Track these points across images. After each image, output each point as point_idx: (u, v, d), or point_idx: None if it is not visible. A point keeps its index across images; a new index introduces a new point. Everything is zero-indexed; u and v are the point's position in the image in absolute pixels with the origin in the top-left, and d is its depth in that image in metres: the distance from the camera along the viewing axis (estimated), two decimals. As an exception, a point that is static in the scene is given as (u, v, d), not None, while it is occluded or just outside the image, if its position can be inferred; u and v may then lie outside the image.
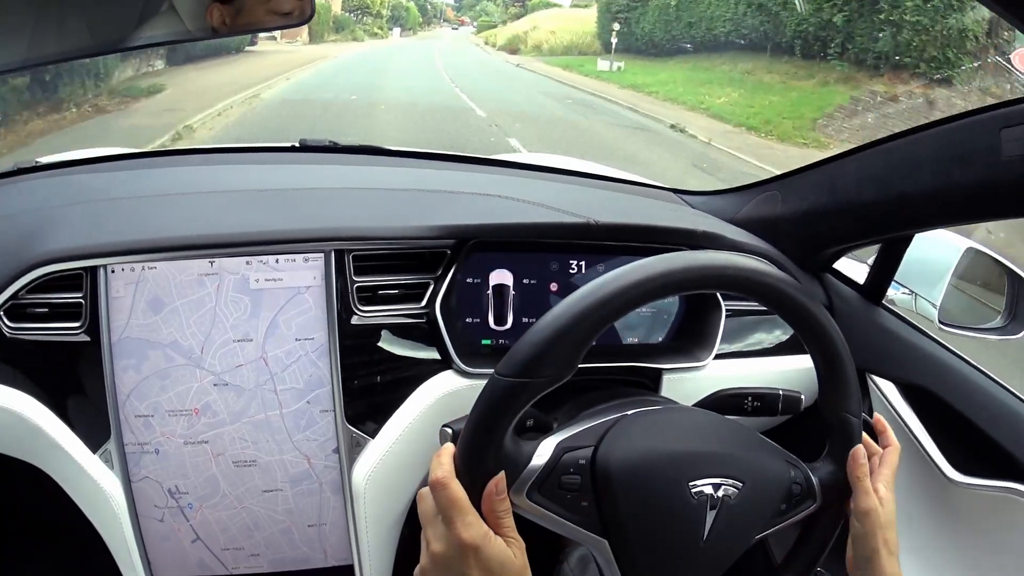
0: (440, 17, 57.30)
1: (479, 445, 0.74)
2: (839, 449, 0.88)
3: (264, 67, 17.87)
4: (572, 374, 0.74)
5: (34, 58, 0.82)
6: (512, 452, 0.75)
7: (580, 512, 0.78)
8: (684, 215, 1.38)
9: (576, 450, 0.78)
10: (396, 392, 1.12)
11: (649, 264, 0.75)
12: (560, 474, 0.77)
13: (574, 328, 0.73)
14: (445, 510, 0.73)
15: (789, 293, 0.80)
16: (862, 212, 1.18)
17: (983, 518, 1.16)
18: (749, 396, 0.96)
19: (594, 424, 0.81)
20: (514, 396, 0.73)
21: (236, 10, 0.79)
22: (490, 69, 26.05)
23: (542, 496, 0.76)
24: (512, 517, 0.74)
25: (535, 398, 0.73)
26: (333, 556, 1.16)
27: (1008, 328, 1.31)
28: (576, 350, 0.74)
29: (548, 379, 0.73)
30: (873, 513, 0.85)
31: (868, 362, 1.24)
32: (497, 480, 0.73)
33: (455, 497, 0.73)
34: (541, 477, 0.76)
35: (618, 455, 0.78)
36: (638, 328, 1.23)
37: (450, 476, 0.74)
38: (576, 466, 0.77)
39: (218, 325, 1.08)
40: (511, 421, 0.74)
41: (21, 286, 1.04)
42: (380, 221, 1.13)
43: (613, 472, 0.77)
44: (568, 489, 0.77)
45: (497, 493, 0.73)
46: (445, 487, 0.73)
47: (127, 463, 1.08)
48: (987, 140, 0.94)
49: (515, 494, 0.76)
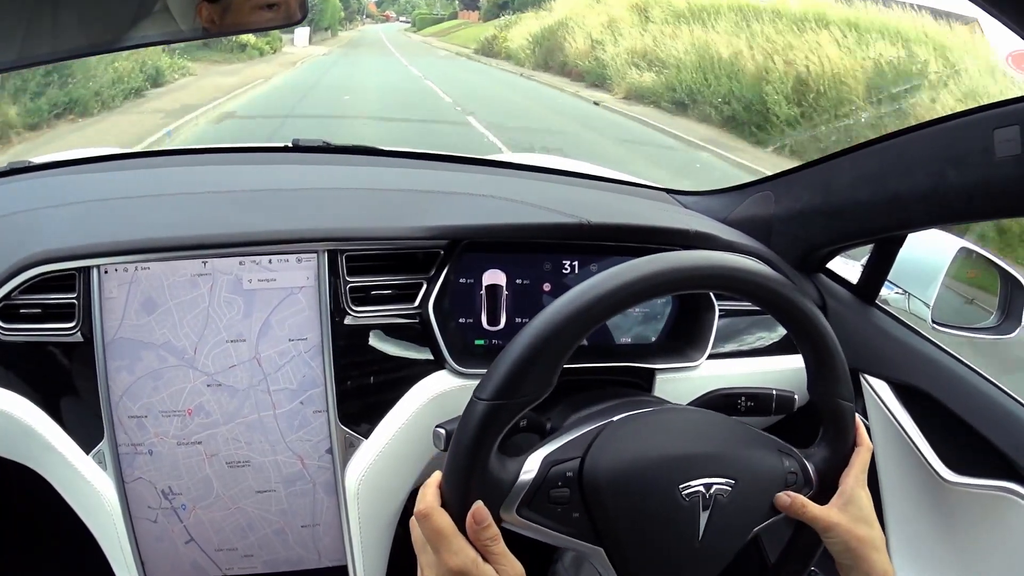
0: (362, 13, 47.09)
1: (463, 470, 0.74)
2: (833, 435, 0.88)
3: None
4: (551, 390, 0.74)
5: (27, 58, 0.82)
6: (498, 472, 0.75)
7: (572, 524, 0.78)
8: (677, 215, 1.38)
9: (563, 463, 0.78)
10: (389, 392, 1.12)
11: (610, 276, 0.75)
12: (549, 488, 0.76)
13: (548, 346, 0.73)
14: (431, 540, 0.74)
15: (765, 283, 0.80)
16: (856, 212, 1.19)
17: (977, 518, 1.16)
18: (743, 396, 0.96)
19: (580, 434, 0.81)
20: (493, 419, 0.73)
21: (223, 8, 0.79)
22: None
23: (532, 511, 0.76)
24: (501, 542, 0.74)
25: (515, 418, 0.74)
26: (327, 557, 1.16)
27: (1001, 328, 1.31)
28: (552, 368, 0.74)
29: (526, 399, 0.74)
30: (852, 506, 0.85)
31: (861, 362, 1.24)
32: (475, 511, 0.73)
33: (438, 527, 0.73)
34: (530, 493, 0.76)
35: (605, 464, 0.78)
36: (631, 328, 1.23)
37: (432, 507, 0.74)
38: (564, 479, 0.77)
39: (211, 325, 1.08)
40: (493, 443, 0.74)
41: (14, 286, 1.04)
42: (373, 221, 1.13)
43: (601, 482, 0.77)
44: (558, 503, 0.77)
45: (478, 523, 0.73)
46: (427, 517, 0.74)
47: (120, 464, 1.08)
48: (980, 140, 0.94)
49: (505, 512, 0.76)
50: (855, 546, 0.84)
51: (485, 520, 0.73)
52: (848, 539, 0.84)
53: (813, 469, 0.87)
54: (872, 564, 0.84)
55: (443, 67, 21.92)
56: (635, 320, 1.23)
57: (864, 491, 0.87)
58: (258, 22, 0.81)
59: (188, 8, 0.80)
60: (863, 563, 0.84)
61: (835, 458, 0.88)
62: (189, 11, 0.80)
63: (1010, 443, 1.11)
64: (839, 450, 0.88)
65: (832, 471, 0.87)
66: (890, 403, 1.22)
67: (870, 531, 0.85)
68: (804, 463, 0.87)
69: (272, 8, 0.81)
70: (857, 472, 0.87)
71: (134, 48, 1.02)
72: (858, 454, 0.88)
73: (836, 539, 0.84)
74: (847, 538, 0.84)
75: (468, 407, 0.74)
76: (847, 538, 0.84)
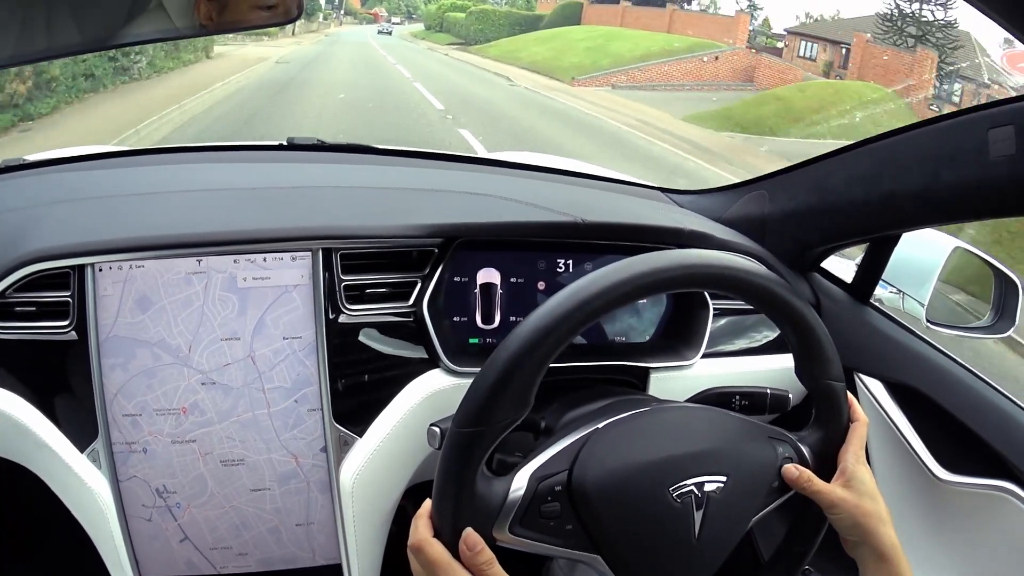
0: (340, 9, 37.56)
1: (451, 498, 0.74)
2: (827, 415, 0.88)
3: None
4: (529, 410, 0.74)
5: (22, 55, 0.81)
6: (486, 494, 0.75)
7: (566, 536, 0.77)
8: (671, 214, 1.38)
9: (551, 477, 0.77)
10: (384, 391, 1.12)
11: (570, 293, 0.74)
12: (539, 504, 0.76)
13: (521, 368, 0.73)
14: (427, 572, 0.74)
15: (740, 275, 0.80)
16: (850, 211, 1.19)
17: (971, 516, 1.16)
18: (737, 395, 0.97)
19: (566, 445, 0.80)
20: (474, 446, 0.73)
21: (221, 6, 0.78)
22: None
23: (525, 528, 0.76)
24: (496, 565, 0.74)
25: (496, 442, 0.73)
26: (321, 555, 1.16)
27: (995, 327, 1.31)
28: (527, 388, 0.74)
29: (504, 423, 0.73)
30: (855, 481, 0.85)
31: (856, 360, 1.24)
32: (466, 538, 0.73)
33: (432, 558, 0.74)
34: (521, 510, 0.76)
35: (593, 475, 0.77)
36: (625, 327, 1.23)
37: (424, 539, 0.74)
38: (553, 493, 0.77)
39: (206, 324, 1.08)
40: (476, 469, 0.73)
41: (8, 284, 1.04)
42: (368, 220, 1.13)
43: (591, 493, 0.77)
44: (549, 517, 0.77)
45: (471, 549, 0.73)
46: (420, 550, 0.74)
47: (115, 462, 1.08)
48: (975, 140, 0.94)
49: (498, 531, 0.75)
50: (862, 521, 0.83)
51: (477, 545, 0.73)
52: (855, 514, 0.83)
53: (808, 451, 0.87)
54: (880, 537, 0.83)
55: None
56: (630, 319, 1.23)
57: (864, 467, 0.87)
58: (255, 20, 0.81)
59: (185, 5, 0.80)
60: (871, 537, 0.83)
61: (830, 437, 0.88)
62: (186, 8, 0.80)
63: (1004, 442, 1.11)
64: (834, 430, 0.88)
65: (828, 451, 0.87)
66: (884, 402, 1.22)
67: (875, 505, 0.84)
68: (798, 447, 0.87)
69: (269, 8, 0.80)
70: (856, 449, 0.87)
71: (130, 45, 1.02)
72: (855, 430, 0.88)
73: (843, 514, 0.84)
74: (854, 513, 0.83)
75: (448, 436, 0.74)
76: (854, 513, 0.83)
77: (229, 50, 20.74)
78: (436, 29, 37.35)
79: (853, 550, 0.86)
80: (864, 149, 1.15)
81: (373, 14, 40.06)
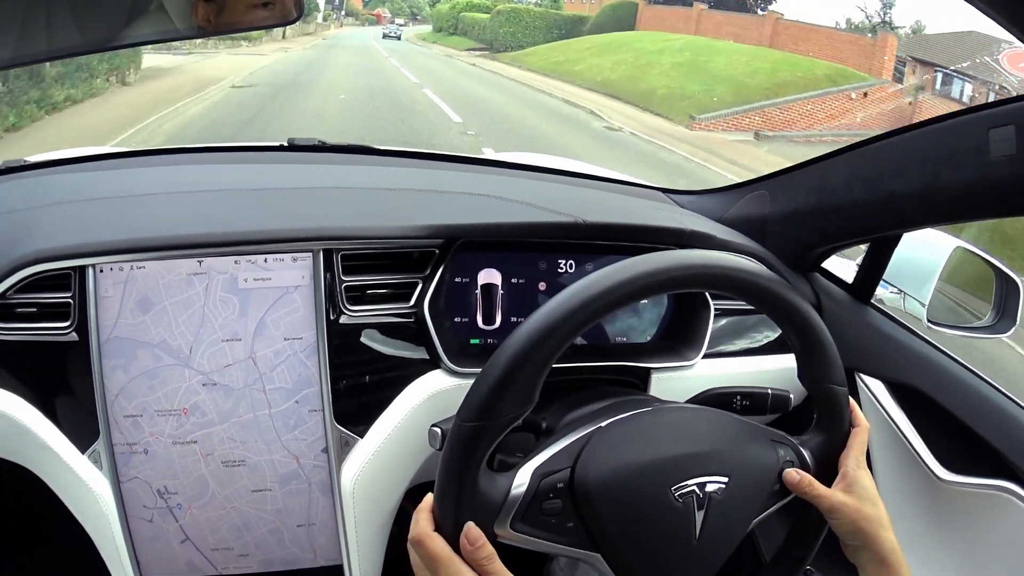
0: (341, 9, 34.94)
1: (453, 493, 0.74)
2: (828, 419, 0.88)
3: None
4: (533, 406, 0.74)
5: (22, 56, 0.82)
6: (488, 490, 0.75)
7: (567, 533, 0.77)
8: (672, 214, 1.38)
9: (553, 474, 0.77)
10: (385, 391, 1.12)
11: (571, 294, 0.75)
12: (541, 501, 0.76)
13: (525, 365, 0.73)
14: (428, 566, 0.75)
15: (743, 276, 0.80)
16: (851, 212, 1.19)
17: (972, 516, 1.16)
18: (738, 395, 0.97)
19: (569, 443, 0.80)
20: (478, 440, 0.73)
21: (219, 7, 0.79)
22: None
23: (526, 525, 0.76)
24: (497, 561, 0.74)
25: (500, 437, 0.74)
26: (322, 556, 1.16)
27: (996, 327, 1.31)
28: (532, 384, 0.74)
29: (509, 418, 0.74)
30: (856, 486, 0.85)
31: (857, 361, 1.24)
32: (468, 532, 0.73)
33: (433, 552, 0.74)
34: (523, 507, 0.76)
35: (595, 473, 0.78)
36: (626, 327, 1.23)
37: (425, 533, 0.75)
38: (555, 490, 0.77)
39: (207, 325, 1.08)
40: (480, 464, 0.74)
41: (9, 286, 1.04)
42: (368, 220, 1.13)
43: (593, 491, 0.77)
44: (551, 514, 0.77)
45: (472, 544, 0.73)
46: (421, 544, 0.75)
47: (116, 463, 1.08)
48: (975, 140, 0.94)
49: (499, 527, 0.75)
50: (863, 526, 0.83)
51: (478, 540, 0.73)
52: (856, 519, 0.84)
53: (809, 455, 0.87)
54: (881, 542, 0.83)
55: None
56: (630, 319, 1.23)
57: (865, 472, 0.87)
58: (253, 21, 0.81)
59: (184, 7, 0.80)
60: (872, 542, 0.83)
61: (832, 442, 0.88)
62: (185, 10, 0.80)
63: (1005, 442, 1.11)
64: (835, 434, 0.88)
65: (830, 455, 0.87)
66: (885, 402, 1.22)
67: (876, 510, 0.85)
68: (800, 450, 0.87)
69: (267, 7, 0.81)
70: (856, 453, 0.87)
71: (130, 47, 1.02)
72: (856, 435, 0.88)
73: (843, 519, 0.84)
74: (855, 518, 0.84)
75: (451, 430, 0.75)
76: (855, 518, 0.84)
77: (185, 62, 16.15)
78: (449, 32, 33.81)
79: (853, 555, 0.86)
80: (864, 149, 1.15)
81: (376, 15, 37.85)
